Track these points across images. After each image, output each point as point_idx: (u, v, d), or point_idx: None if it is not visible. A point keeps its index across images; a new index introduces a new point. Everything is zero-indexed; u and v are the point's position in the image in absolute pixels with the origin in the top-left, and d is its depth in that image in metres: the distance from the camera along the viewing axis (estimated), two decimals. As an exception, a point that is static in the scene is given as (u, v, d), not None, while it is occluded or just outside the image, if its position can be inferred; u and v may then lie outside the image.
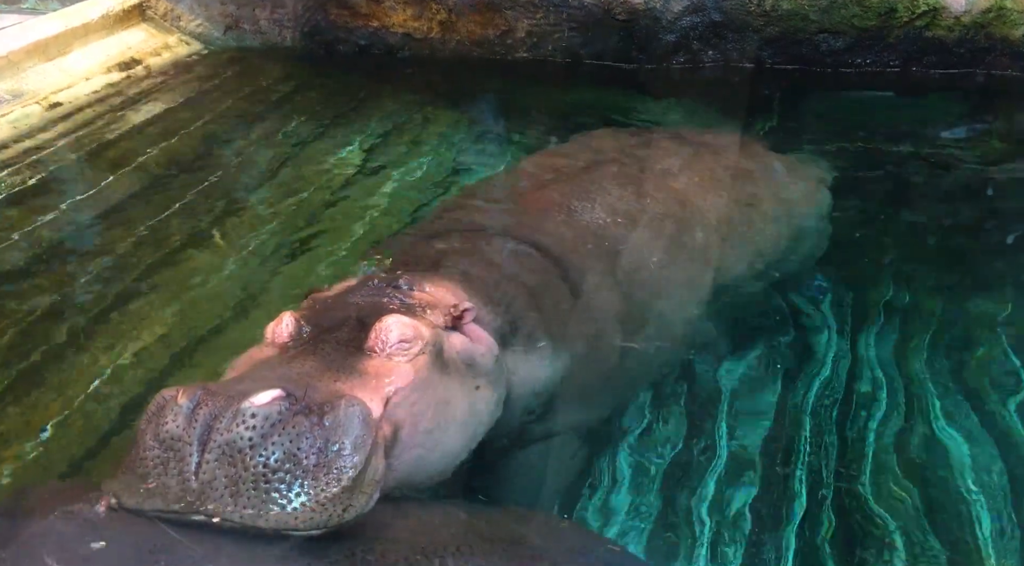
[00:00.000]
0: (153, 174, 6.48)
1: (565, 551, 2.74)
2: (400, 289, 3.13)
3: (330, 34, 8.95)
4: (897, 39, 7.85)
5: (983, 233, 5.66)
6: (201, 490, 2.30)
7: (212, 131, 7.27)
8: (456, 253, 3.62)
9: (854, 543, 3.48)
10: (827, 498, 3.67)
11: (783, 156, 5.78)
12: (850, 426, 4.05)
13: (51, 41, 7.99)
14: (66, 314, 4.80)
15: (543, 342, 3.46)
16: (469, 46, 8.61)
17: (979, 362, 4.41)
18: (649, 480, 3.78)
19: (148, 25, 9.08)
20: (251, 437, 2.31)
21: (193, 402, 2.38)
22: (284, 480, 2.31)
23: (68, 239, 5.61)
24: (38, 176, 6.37)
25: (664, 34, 8.17)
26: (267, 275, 5.20)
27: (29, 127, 7.12)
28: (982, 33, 7.73)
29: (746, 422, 4.09)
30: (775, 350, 4.57)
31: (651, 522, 3.58)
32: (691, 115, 7.54)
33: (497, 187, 4.74)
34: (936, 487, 3.71)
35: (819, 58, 7.98)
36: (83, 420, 4.06)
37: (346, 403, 2.44)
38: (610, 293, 3.91)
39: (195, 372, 4.34)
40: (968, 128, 7.18)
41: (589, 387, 3.73)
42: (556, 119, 7.52)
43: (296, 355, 2.74)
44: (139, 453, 2.39)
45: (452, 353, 2.96)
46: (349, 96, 8.12)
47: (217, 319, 4.78)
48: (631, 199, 4.39)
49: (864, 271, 5.21)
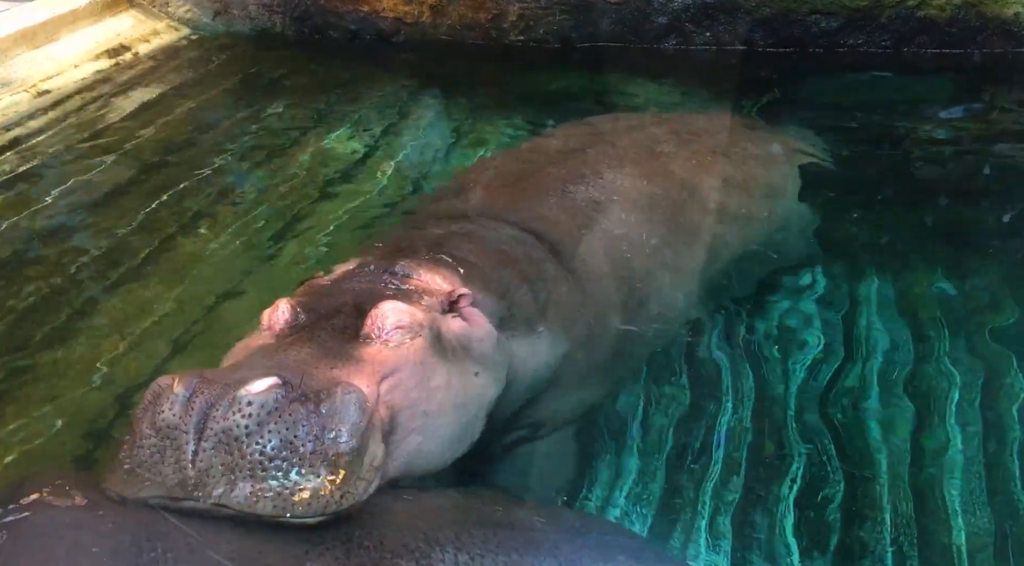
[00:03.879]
0: (143, 161, 6.45)
1: (564, 533, 2.75)
2: (396, 275, 3.12)
3: (320, 19, 8.89)
4: (889, 19, 7.83)
5: (977, 213, 5.66)
6: (198, 478, 2.30)
7: (202, 117, 7.23)
8: (452, 238, 3.60)
9: (852, 522, 3.50)
10: (825, 479, 3.69)
11: (775, 136, 5.77)
12: (846, 406, 4.06)
13: (39, 28, 7.94)
14: (58, 303, 4.77)
15: (541, 326, 3.46)
16: (460, 30, 8.56)
17: (976, 342, 4.42)
18: (648, 463, 3.79)
19: (136, 11, 9.02)
20: (247, 425, 2.31)
21: (189, 390, 2.37)
22: (281, 468, 2.30)
23: (58, 227, 5.58)
24: (27, 164, 6.33)
25: (656, 16, 8.14)
26: (261, 261, 5.18)
27: (18, 115, 7.08)
28: (973, 12, 7.71)
29: (743, 404, 4.09)
30: (771, 330, 4.57)
31: (651, 507, 3.59)
32: (684, 97, 7.52)
33: (491, 172, 4.72)
34: (932, 468, 3.73)
35: (811, 39, 7.95)
36: (78, 409, 4.05)
37: (342, 390, 2.44)
38: (606, 276, 3.91)
39: (191, 359, 4.32)
40: (961, 108, 7.17)
41: (587, 370, 3.73)
42: (549, 103, 7.49)
43: (292, 342, 2.73)
44: (136, 441, 2.38)
45: (450, 338, 2.95)
46: (340, 81, 8.08)
47: (211, 306, 4.76)
48: (626, 182, 4.39)
49: (859, 250, 5.20)
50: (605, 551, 2.70)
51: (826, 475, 3.70)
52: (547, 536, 2.67)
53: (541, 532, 2.68)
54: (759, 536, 3.46)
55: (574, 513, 3.18)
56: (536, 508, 2.91)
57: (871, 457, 3.79)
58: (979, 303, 4.71)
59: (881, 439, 3.88)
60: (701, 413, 4.04)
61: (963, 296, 4.77)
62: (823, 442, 3.86)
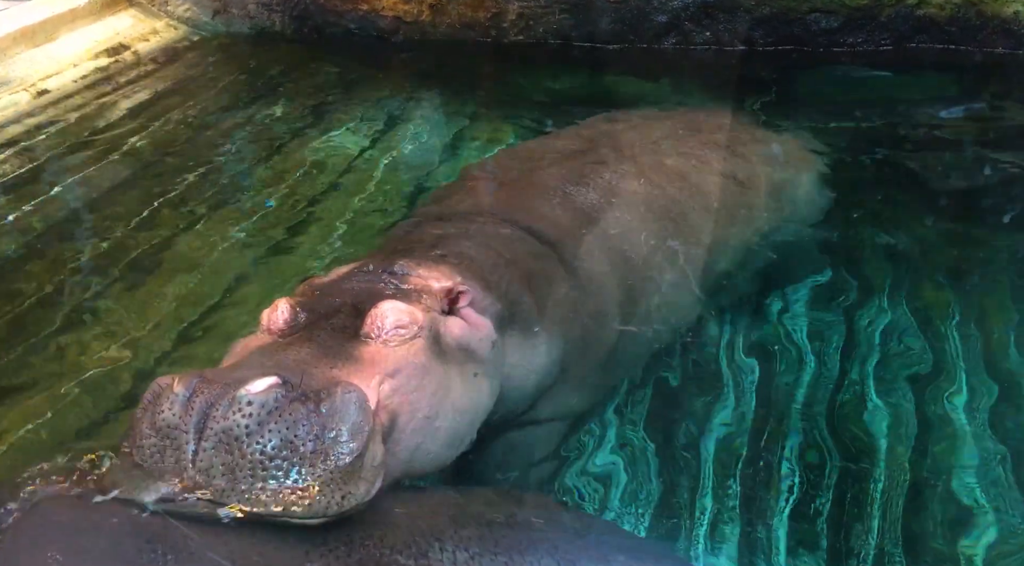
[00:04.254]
0: (143, 160, 6.45)
1: (562, 532, 2.75)
2: (396, 274, 3.11)
3: (319, 18, 8.88)
4: (889, 18, 7.83)
5: (978, 212, 5.66)
6: (198, 478, 2.30)
7: (202, 117, 7.23)
8: (452, 238, 3.60)
9: (848, 522, 3.50)
10: (822, 476, 3.68)
11: (776, 135, 5.77)
12: (849, 405, 4.06)
13: (38, 27, 7.93)
14: (58, 302, 4.78)
15: (540, 326, 3.45)
16: (460, 29, 8.56)
17: (975, 340, 4.42)
18: (645, 462, 3.79)
19: (136, 10, 9.02)
20: (247, 425, 2.30)
21: (189, 390, 2.36)
22: (281, 468, 2.30)
23: (58, 226, 5.58)
24: (27, 164, 6.33)
25: (655, 15, 8.14)
26: (260, 261, 5.18)
27: (17, 114, 7.07)
28: (973, 11, 7.71)
29: (740, 403, 4.09)
30: (770, 330, 4.57)
31: (649, 506, 3.59)
32: (684, 96, 7.52)
33: (491, 172, 4.72)
34: (933, 464, 3.73)
35: (811, 38, 7.95)
36: (77, 408, 4.05)
37: (342, 389, 2.43)
38: (606, 276, 3.91)
39: (190, 359, 4.32)
40: (961, 107, 7.17)
41: (587, 370, 3.73)
42: (548, 102, 7.50)
43: (292, 342, 2.72)
44: (136, 441, 2.38)
45: (449, 338, 2.95)
46: (340, 81, 8.08)
47: (210, 306, 4.76)
48: (625, 181, 4.38)
49: (859, 250, 5.20)
50: (604, 551, 2.70)
51: (829, 476, 3.70)
52: (546, 535, 2.67)
53: (540, 531, 2.68)
54: (759, 537, 3.46)
55: (573, 513, 3.18)
56: (535, 507, 2.91)
57: (873, 455, 3.79)
58: (981, 303, 4.71)
59: (883, 438, 3.88)
60: (696, 412, 4.05)
61: (965, 297, 4.77)
62: (823, 439, 3.87)
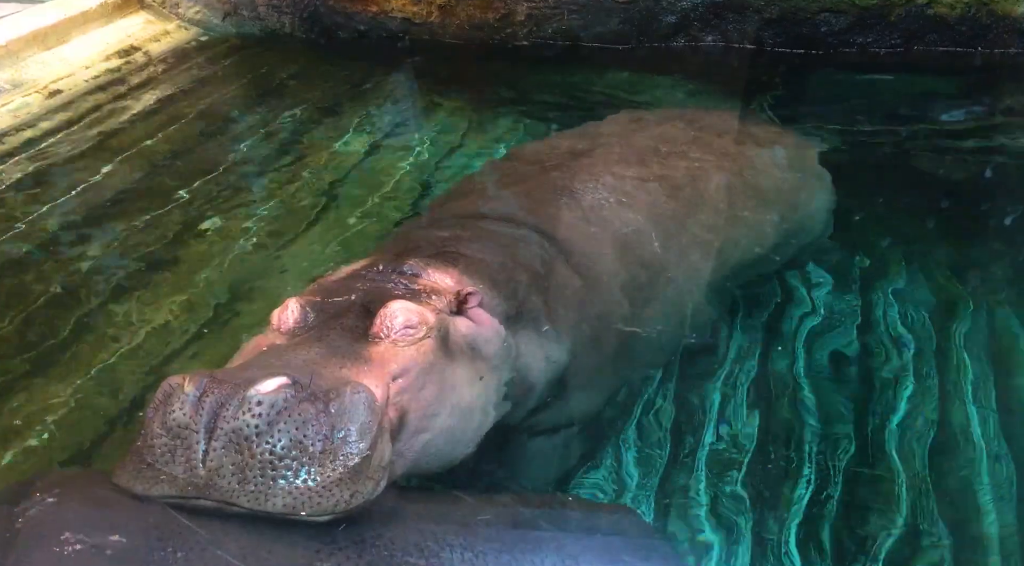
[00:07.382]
0: (154, 162, 6.48)
1: (570, 533, 2.75)
2: (405, 274, 3.12)
3: (329, 20, 8.91)
4: (898, 18, 7.81)
5: (985, 213, 5.64)
6: (208, 478, 2.31)
7: (212, 118, 7.26)
8: (461, 239, 3.61)
9: (857, 515, 3.50)
10: (830, 473, 3.69)
11: (786, 137, 5.75)
12: (854, 404, 4.06)
13: (50, 30, 7.99)
14: (70, 303, 4.81)
15: (549, 327, 3.46)
16: (469, 30, 8.57)
17: (980, 340, 4.41)
18: (653, 457, 3.80)
19: (147, 12, 9.07)
20: (257, 425, 2.31)
21: (199, 390, 2.38)
22: (291, 467, 2.31)
23: (70, 228, 5.61)
24: (39, 165, 6.37)
25: (664, 15, 8.14)
26: (270, 261, 5.20)
27: (29, 116, 7.12)
28: (984, 10, 7.68)
29: (747, 400, 4.10)
30: (777, 328, 4.58)
31: (656, 505, 3.60)
32: (692, 97, 7.51)
33: (500, 172, 4.73)
34: (943, 459, 3.73)
35: (820, 38, 7.94)
36: (89, 408, 4.08)
37: (351, 389, 2.44)
38: (614, 276, 3.91)
39: (201, 359, 4.35)
40: (971, 107, 7.15)
41: (595, 370, 3.73)
42: (557, 103, 7.50)
43: (301, 342, 2.73)
44: (146, 441, 2.40)
45: (458, 338, 2.96)
46: (349, 82, 8.10)
47: (221, 306, 4.79)
48: (634, 182, 4.38)
49: (866, 251, 5.20)
50: (610, 551, 2.71)
51: (832, 470, 3.70)
52: (552, 535, 2.67)
53: (546, 532, 2.69)
54: (770, 537, 3.46)
55: (583, 506, 3.17)
56: (542, 506, 2.91)
57: (881, 449, 3.80)
58: (984, 304, 4.70)
59: (891, 432, 3.88)
60: (703, 408, 4.06)
61: (970, 297, 4.76)
62: (836, 441, 3.87)
